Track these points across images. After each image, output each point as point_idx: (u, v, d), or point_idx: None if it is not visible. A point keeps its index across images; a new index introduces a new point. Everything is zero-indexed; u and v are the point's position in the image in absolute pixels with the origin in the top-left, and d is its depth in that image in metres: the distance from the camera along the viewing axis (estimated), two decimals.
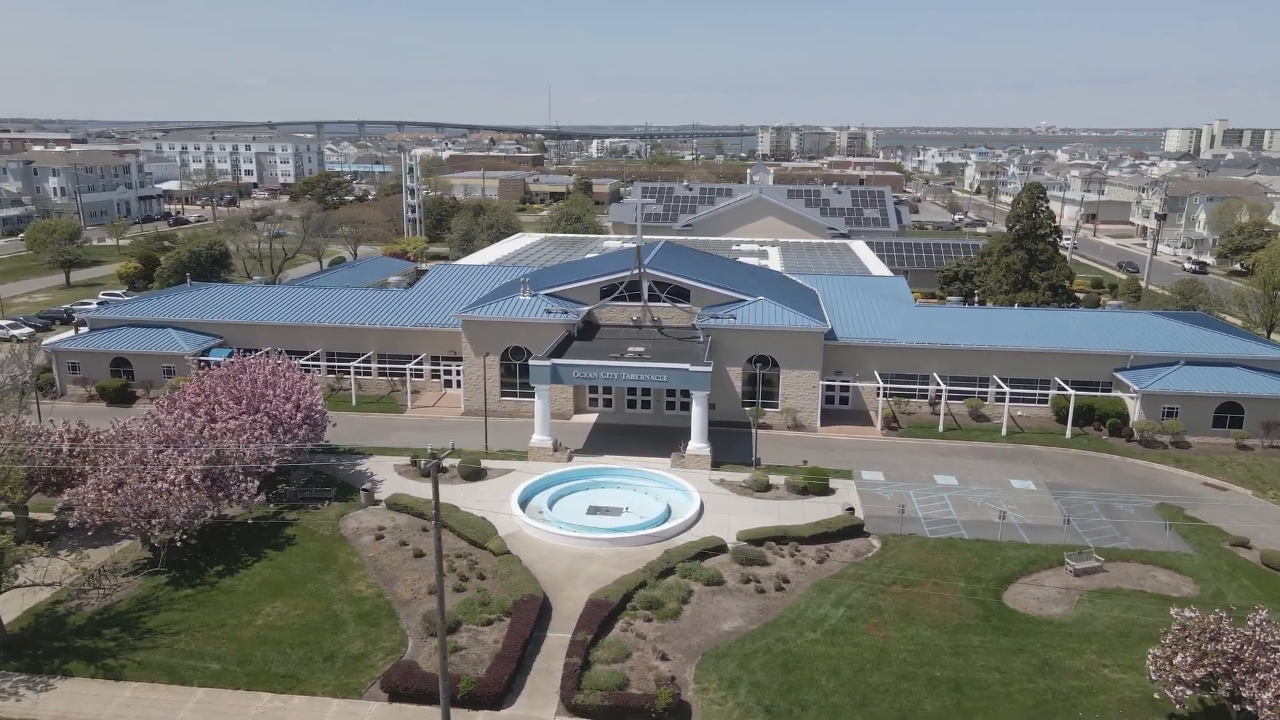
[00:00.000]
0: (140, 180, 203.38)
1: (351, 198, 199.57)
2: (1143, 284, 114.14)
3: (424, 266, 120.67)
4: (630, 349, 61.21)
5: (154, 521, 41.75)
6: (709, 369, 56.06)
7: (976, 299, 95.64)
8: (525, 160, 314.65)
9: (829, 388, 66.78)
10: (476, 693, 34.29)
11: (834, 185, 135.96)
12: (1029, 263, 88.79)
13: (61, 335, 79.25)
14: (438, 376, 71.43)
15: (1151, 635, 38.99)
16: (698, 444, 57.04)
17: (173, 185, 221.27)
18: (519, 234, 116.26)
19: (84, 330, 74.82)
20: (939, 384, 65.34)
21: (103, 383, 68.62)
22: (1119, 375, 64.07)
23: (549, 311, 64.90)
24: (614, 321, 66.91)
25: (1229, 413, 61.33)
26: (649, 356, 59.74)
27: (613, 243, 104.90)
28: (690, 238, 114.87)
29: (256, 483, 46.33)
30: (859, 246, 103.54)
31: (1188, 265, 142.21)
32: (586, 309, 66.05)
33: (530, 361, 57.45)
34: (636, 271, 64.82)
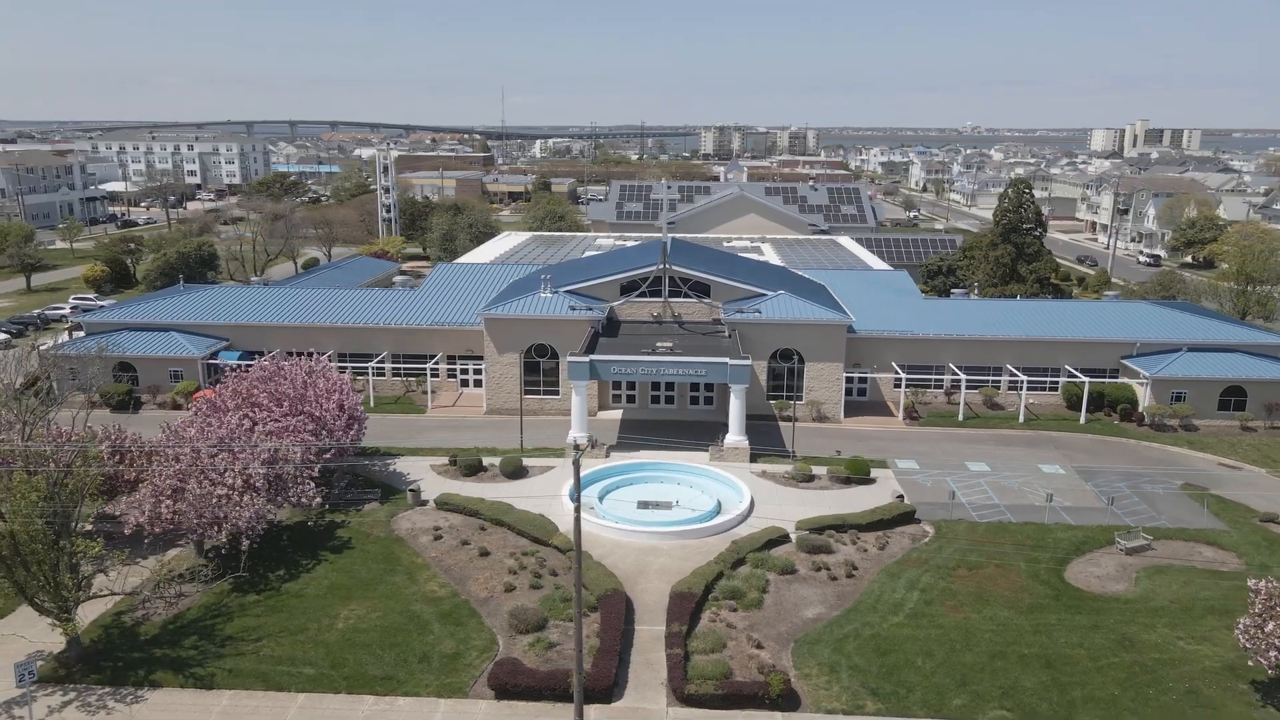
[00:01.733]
0: (84, 181, 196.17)
1: (306, 198, 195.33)
2: (1114, 279, 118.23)
3: (405, 267, 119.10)
4: (659, 344, 61.40)
5: (221, 527, 40.64)
6: (749, 362, 56.58)
7: (975, 292, 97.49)
8: (476, 160, 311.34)
9: (847, 380, 67.83)
10: (586, 686, 34.17)
11: (810, 182, 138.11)
12: (1016, 256, 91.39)
13: (55, 339, 76.20)
14: (454, 376, 70.61)
15: (1214, 608, 40.90)
16: (736, 437, 57.51)
17: (117, 186, 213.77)
18: (505, 233, 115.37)
19: (79, 335, 72.08)
20: (955, 374, 66.94)
21: (106, 388, 66.22)
22: (1126, 362, 66.46)
23: (573, 309, 64.69)
24: (633, 318, 67.06)
25: (1233, 396, 64.09)
26: (680, 351, 60.04)
27: (605, 240, 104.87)
28: (675, 235, 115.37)
29: (313, 485, 45.40)
30: (847, 241, 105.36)
31: (1142, 259, 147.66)
32: (608, 305, 66.06)
33: (569, 358, 57.23)
34: (662, 267, 65.03)
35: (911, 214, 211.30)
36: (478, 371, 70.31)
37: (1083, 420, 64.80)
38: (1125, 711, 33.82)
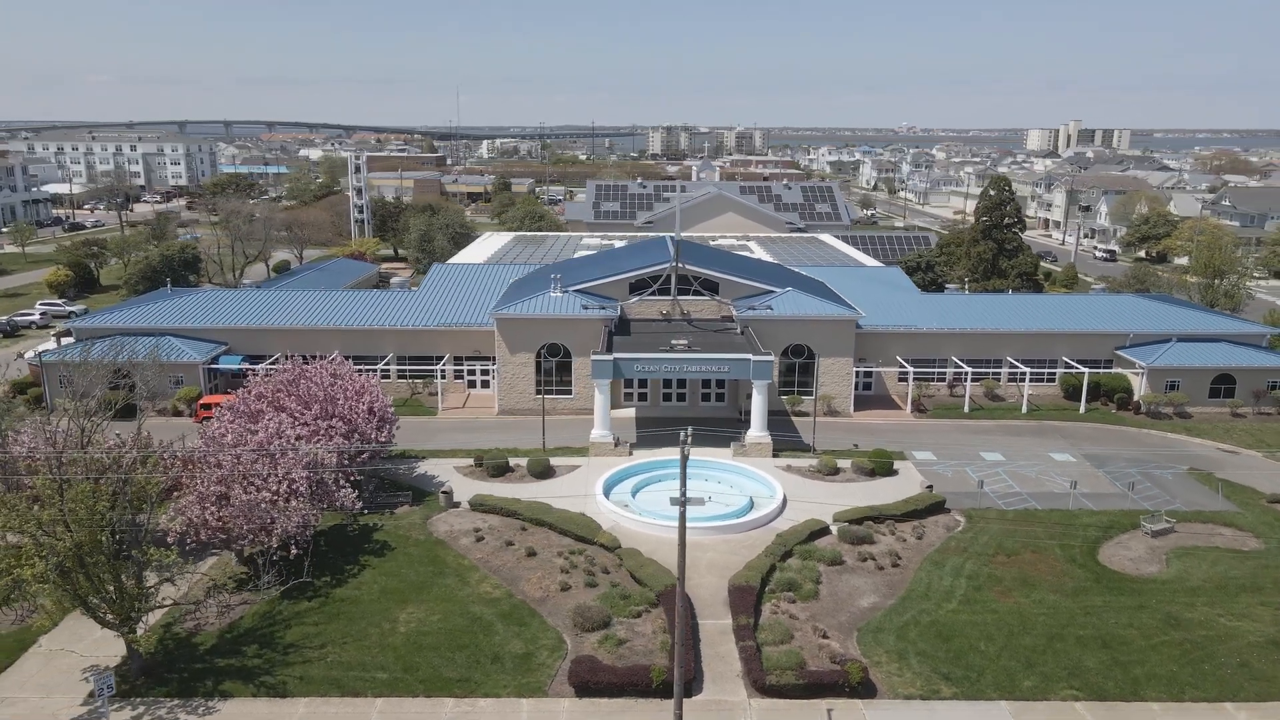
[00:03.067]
0: (25, 184, 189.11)
1: (265, 198, 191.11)
2: (1083, 276, 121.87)
3: (382, 269, 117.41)
4: (675, 342, 61.69)
5: (271, 532, 39.82)
6: (772, 358, 57.24)
7: (966, 288, 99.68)
8: (429, 161, 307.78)
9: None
10: (669, 681, 34.35)
11: (784, 181, 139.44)
12: (997, 252, 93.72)
13: (44, 346, 73.67)
14: (460, 377, 69.98)
15: (1246, 586, 42.66)
16: (759, 432, 58.09)
17: (60, 188, 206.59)
18: (487, 234, 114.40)
19: (67, 341, 69.74)
20: (958, 367, 68.50)
21: (104, 395, 64.05)
22: (1120, 353, 68.72)
23: (585, 308, 64.64)
24: (642, 316, 67.23)
25: (1223, 384, 66.71)
26: (698, 348, 60.42)
27: (591, 240, 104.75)
28: (650, 234, 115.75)
29: (354, 489, 44.75)
30: (828, 239, 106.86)
31: (1098, 254, 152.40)
32: (618, 304, 66.14)
33: (593, 357, 57.19)
34: (674, 265, 65.33)
35: (869, 212, 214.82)
36: (485, 372, 69.85)
37: (1082, 410, 66.84)
38: (1187, 686, 35.14)
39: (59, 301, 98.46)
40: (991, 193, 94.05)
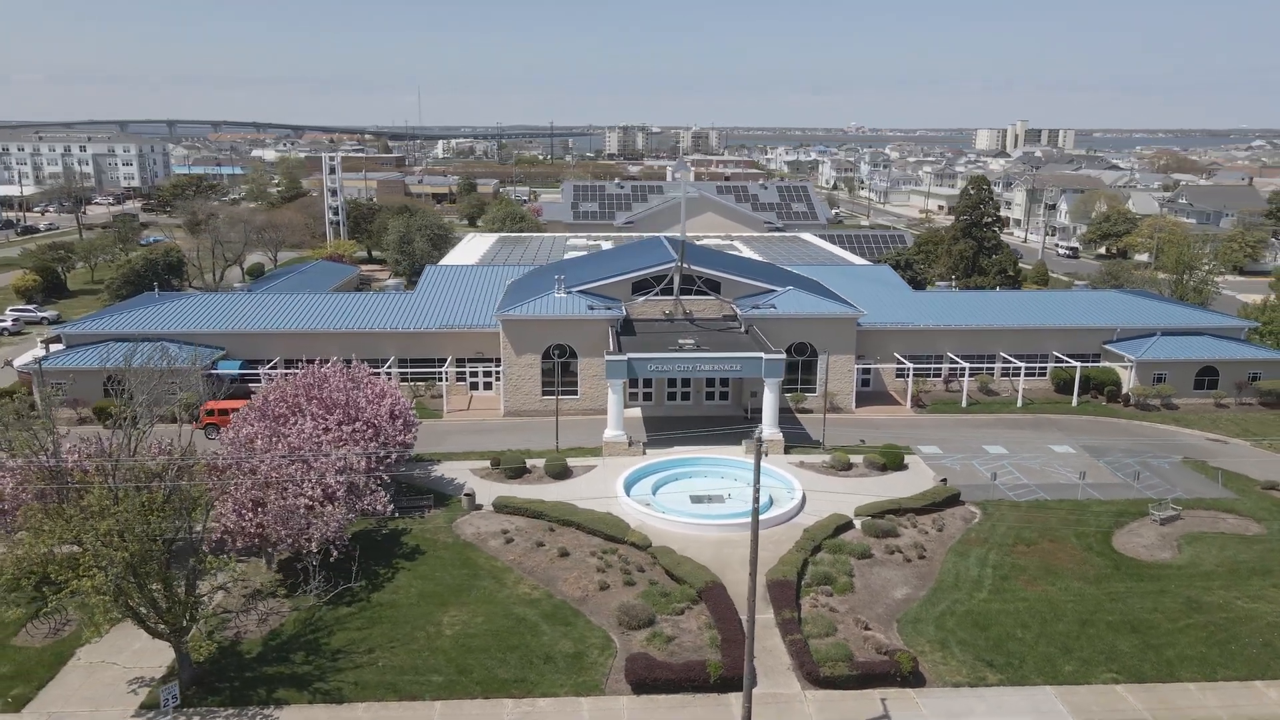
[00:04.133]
0: None
1: (228, 199, 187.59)
2: (1052, 274, 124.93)
3: (363, 271, 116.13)
4: (681, 341, 62.18)
5: (310, 537, 39.49)
6: (784, 356, 58.01)
7: (954, 285, 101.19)
8: (387, 161, 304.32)
9: None
10: (726, 675, 34.86)
11: (759, 181, 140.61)
12: (978, 250, 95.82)
13: (32, 353, 71.69)
14: (462, 379, 69.71)
15: (1256, 569, 44.39)
16: (770, 429, 58.80)
17: (9, 190, 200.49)
18: (470, 235, 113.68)
19: (57, 348, 68.05)
20: (955, 363, 70.03)
21: (100, 403, 62.79)
22: (1109, 347, 70.85)
23: (591, 308, 64.83)
24: (644, 316, 67.58)
25: (1206, 375, 69.13)
26: (708, 347, 60.99)
27: (578, 241, 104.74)
28: (634, 234, 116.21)
29: (385, 493, 44.51)
30: (811, 238, 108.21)
31: (1061, 251, 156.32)
32: (621, 304, 66.41)
33: (607, 357, 57.44)
34: (679, 265, 65.83)
35: (834, 211, 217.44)
36: (487, 374, 69.69)
37: (1074, 403, 68.77)
38: (1218, 667, 36.57)
39: (29, 307, 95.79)
40: (971, 192, 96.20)
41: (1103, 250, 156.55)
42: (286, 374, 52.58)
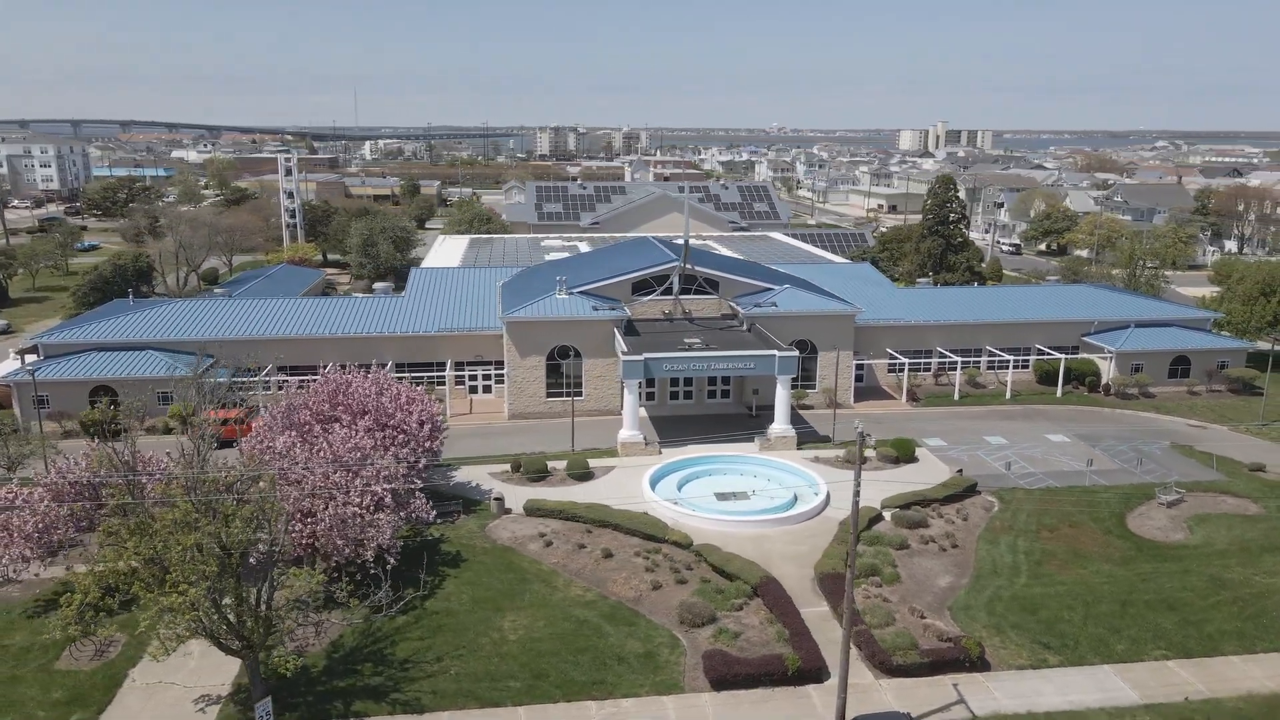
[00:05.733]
0: None
1: (162, 202, 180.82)
2: (1007, 270, 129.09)
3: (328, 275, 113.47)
4: (687, 340, 62.57)
5: (366, 546, 38.67)
6: (796, 354, 58.87)
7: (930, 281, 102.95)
8: (321, 163, 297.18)
9: None
10: (804, 668, 35.37)
11: (720, 181, 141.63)
12: (945, 247, 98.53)
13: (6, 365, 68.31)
14: (461, 383, 68.84)
15: (1265, 547, 46.88)
16: (782, 425, 59.64)
17: None
18: (442, 237, 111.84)
19: (33, 359, 64.89)
20: (944, 357, 71.98)
21: (86, 415, 60.17)
22: (1087, 339, 73.71)
23: (595, 309, 64.74)
24: (644, 315, 67.73)
25: (1179, 365, 72.50)
26: (714, 346, 61.50)
27: (553, 242, 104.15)
28: (599, 234, 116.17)
29: (428, 500, 43.80)
30: (780, 237, 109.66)
31: (1004, 248, 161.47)
32: (621, 304, 66.45)
33: (624, 358, 57.49)
34: (682, 265, 66.19)
35: None
36: (487, 378, 69.00)
37: (1059, 393, 71.37)
38: (1256, 640, 38.58)
39: None
40: (938, 190, 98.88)
41: (1043, 247, 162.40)
42: (303, 381, 51.17)
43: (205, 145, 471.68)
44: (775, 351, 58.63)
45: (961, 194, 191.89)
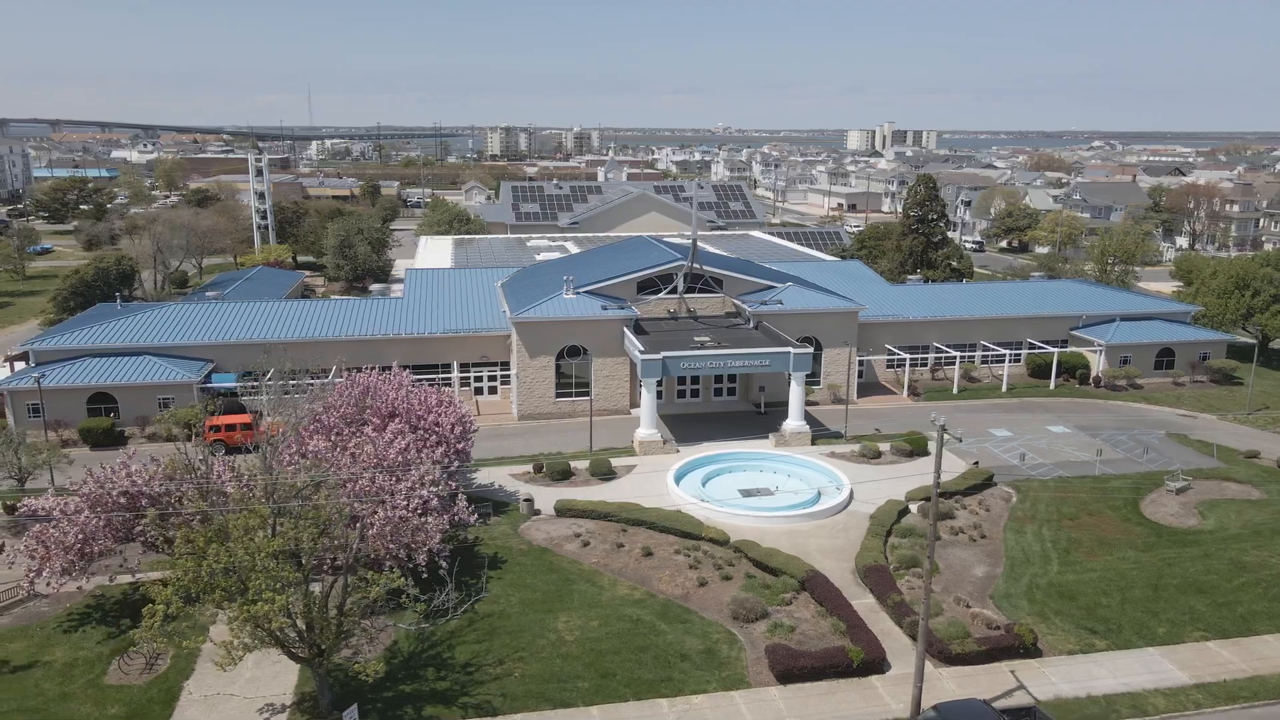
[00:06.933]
0: None
1: (120, 203, 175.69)
2: (980, 268, 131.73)
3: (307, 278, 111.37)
4: (696, 338, 62.84)
5: (419, 550, 38.17)
6: (811, 350, 59.50)
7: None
8: (274, 164, 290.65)
9: None
10: (867, 659, 35.84)
11: (696, 181, 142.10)
12: (926, 245, 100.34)
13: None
14: (466, 384, 68.21)
15: (1277, 530, 48.66)
16: (796, 422, 60.23)
17: None
18: (424, 238, 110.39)
19: (23, 366, 62.67)
20: (941, 352, 73.33)
21: (85, 423, 58.27)
22: (1076, 333, 75.72)
23: (604, 308, 64.66)
24: (650, 314, 67.84)
25: (1164, 357, 74.88)
26: (727, 344, 61.85)
27: (540, 242, 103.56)
28: (580, 234, 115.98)
29: (470, 503, 43.37)
30: (762, 235, 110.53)
31: (968, 245, 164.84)
32: (627, 303, 66.46)
33: (643, 357, 57.54)
34: (691, 265, 66.45)
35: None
36: (493, 379, 68.48)
37: (1053, 386, 73.20)
38: None
39: None
40: (920, 189, 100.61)
41: (1004, 244, 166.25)
42: (325, 385, 50.30)
43: (146, 145, 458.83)
44: (790, 349, 59.20)
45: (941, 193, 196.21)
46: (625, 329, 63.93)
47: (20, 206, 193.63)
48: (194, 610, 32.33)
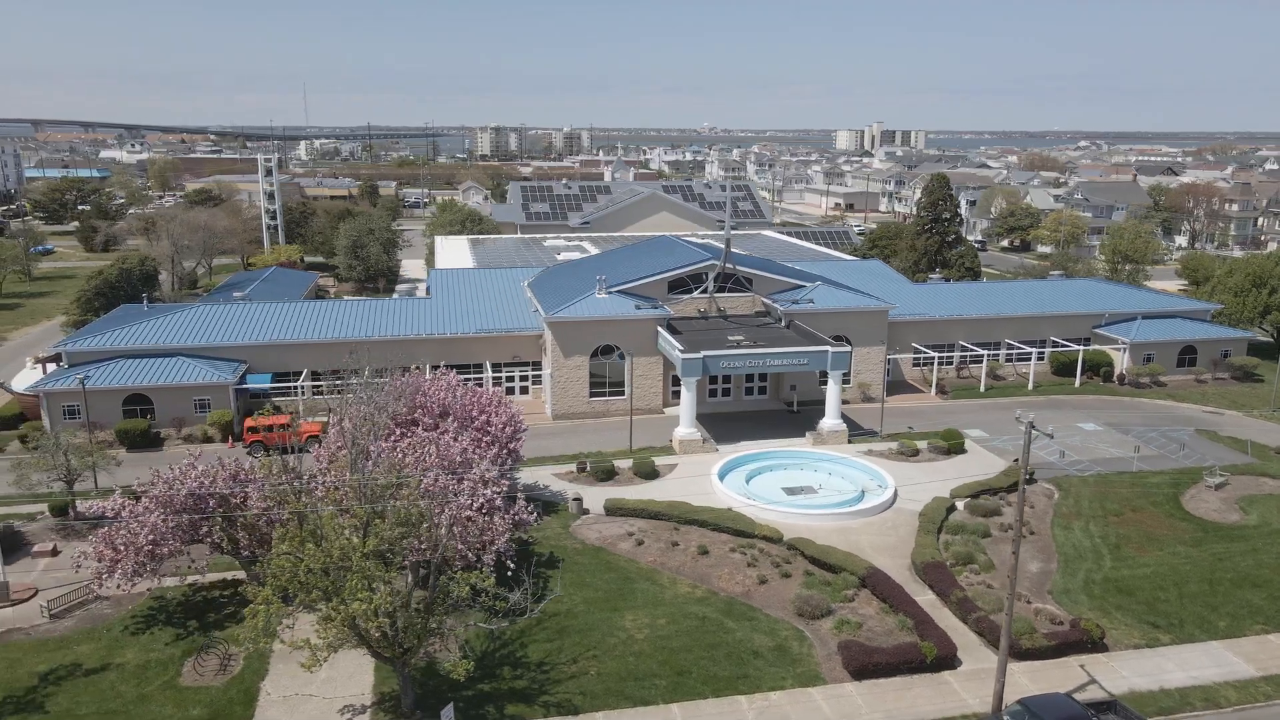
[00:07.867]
0: None
1: (118, 202, 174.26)
2: (989, 268, 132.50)
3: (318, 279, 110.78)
4: (730, 337, 63.00)
5: (487, 550, 38.14)
6: (849, 349, 59.77)
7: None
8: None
9: None
10: (940, 655, 36.09)
11: (703, 180, 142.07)
12: (940, 244, 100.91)
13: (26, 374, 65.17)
14: (498, 384, 68.09)
15: None
16: (833, 420, 60.50)
17: None
18: (441, 238, 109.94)
19: (55, 368, 62.16)
20: (967, 351, 73.77)
21: (121, 424, 57.89)
22: (1099, 331, 76.34)
23: (638, 308, 64.74)
24: (681, 314, 67.94)
25: (1187, 354, 75.61)
26: (762, 343, 62.05)
27: (556, 242, 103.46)
28: (594, 234, 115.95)
29: (529, 503, 43.36)
30: (775, 234, 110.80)
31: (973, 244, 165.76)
32: (658, 302, 66.55)
33: (683, 356, 57.65)
34: (724, 265, 66.62)
35: None
36: (524, 378, 68.44)
37: (1077, 383, 73.78)
38: None
39: None
40: (934, 188, 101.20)
41: (1005, 244, 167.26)
42: (363, 385, 50.09)
43: (134, 145, 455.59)
44: (829, 347, 59.46)
45: (919, 193, 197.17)
46: (659, 328, 64.03)
47: (15, 207, 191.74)
48: (290, 610, 32.10)
